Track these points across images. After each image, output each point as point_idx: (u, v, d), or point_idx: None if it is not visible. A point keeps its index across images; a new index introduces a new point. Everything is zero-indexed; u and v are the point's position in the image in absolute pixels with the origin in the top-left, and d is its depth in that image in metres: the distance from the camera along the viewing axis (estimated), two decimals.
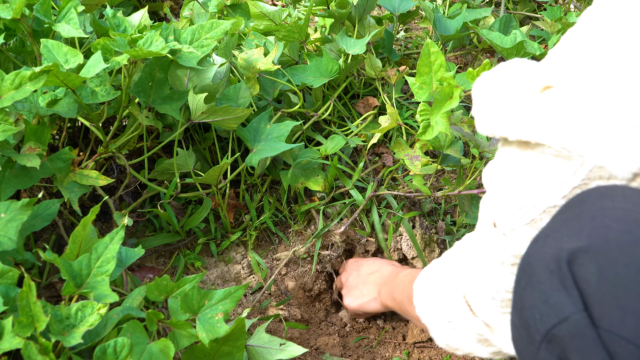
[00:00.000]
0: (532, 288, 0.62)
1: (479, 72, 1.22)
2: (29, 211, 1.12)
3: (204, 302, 1.12)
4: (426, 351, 1.58)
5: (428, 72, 1.28)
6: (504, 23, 1.99)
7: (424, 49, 1.26)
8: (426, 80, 1.29)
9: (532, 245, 0.65)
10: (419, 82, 1.29)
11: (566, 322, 0.57)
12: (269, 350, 1.23)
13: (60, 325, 0.97)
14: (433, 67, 1.27)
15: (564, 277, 0.58)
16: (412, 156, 1.44)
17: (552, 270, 0.60)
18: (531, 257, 0.64)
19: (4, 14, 1.32)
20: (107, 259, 1.07)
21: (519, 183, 0.74)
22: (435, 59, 1.26)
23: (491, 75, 0.81)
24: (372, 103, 1.86)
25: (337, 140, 1.66)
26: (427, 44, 1.25)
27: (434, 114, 1.25)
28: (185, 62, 1.42)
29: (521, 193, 0.73)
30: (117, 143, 1.44)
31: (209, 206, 1.55)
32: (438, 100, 1.25)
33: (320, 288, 1.65)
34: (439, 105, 1.25)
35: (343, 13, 1.80)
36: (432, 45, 1.25)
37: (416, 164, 1.43)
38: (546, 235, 0.64)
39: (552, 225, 0.66)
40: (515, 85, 0.75)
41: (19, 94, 1.09)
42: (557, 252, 0.60)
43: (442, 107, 1.24)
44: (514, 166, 0.74)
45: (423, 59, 1.27)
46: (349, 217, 1.67)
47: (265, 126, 1.53)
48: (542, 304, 0.60)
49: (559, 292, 0.59)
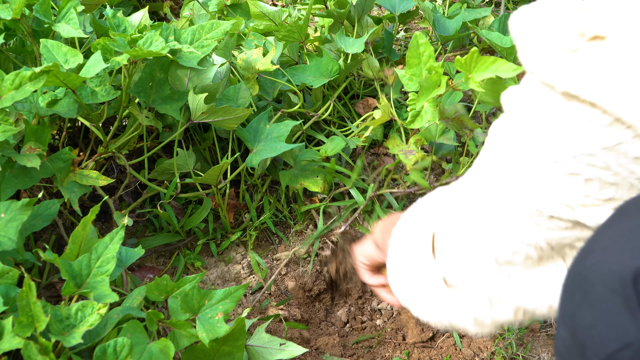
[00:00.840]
0: (590, 306, 0.57)
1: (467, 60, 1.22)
2: (29, 211, 1.12)
3: (204, 302, 1.12)
4: (426, 351, 1.58)
5: (417, 63, 1.28)
6: (503, 22, 1.99)
7: (413, 41, 1.26)
8: (416, 72, 1.29)
9: (587, 257, 0.60)
10: (409, 73, 1.30)
11: (629, 349, 0.53)
12: (269, 350, 1.23)
13: (60, 325, 0.97)
14: (422, 59, 1.27)
15: (628, 298, 0.54)
16: (406, 151, 1.45)
17: (614, 290, 0.55)
18: (588, 272, 0.58)
19: (4, 14, 1.32)
20: (107, 259, 1.07)
21: (555, 128, 0.66)
22: (424, 50, 1.27)
23: (534, 11, 0.71)
24: (372, 104, 1.86)
25: (337, 142, 1.66)
26: (416, 36, 1.26)
27: (420, 100, 1.26)
28: (185, 62, 1.42)
29: (554, 135, 0.66)
30: (117, 143, 1.44)
31: (209, 206, 1.55)
32: (425, 88, 1.25)
33: (320, 288, 1.65)
34: (425, 92, 1.25)
35: (342, 13, 1.80)
36: (421, 37, 1.26)
37: (410, 158, 1.43)
38: (604, 248, 0.59)
39: (609, 234, 0.60)
40: (560, 27, 0.67)
41: (19, 94, 1.09)
42: (620, 269, 0.55)
43: (429, 94, 1.24)
44: (553, 112, 0.66)
45: (412, 51, 1.27)
46: (349, 218, 1.67)
47: (265, 126, 1.53)
48: (603, 325, 0.55)
49: (622, 314, 0.54)
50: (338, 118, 1.84)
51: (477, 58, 1.20)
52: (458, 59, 1.21)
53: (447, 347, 1.59)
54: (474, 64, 1.21)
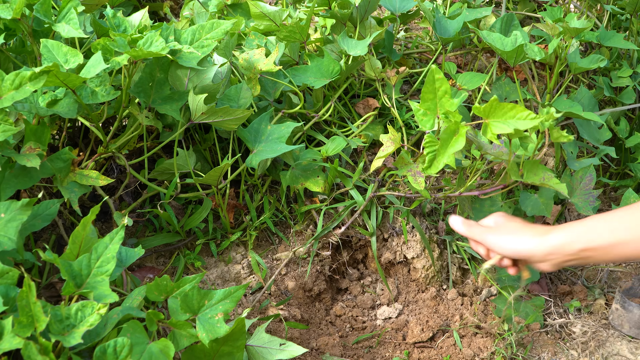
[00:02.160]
0: None
1: (486, 108, 1.22)
2: (29, 211, 1.12)
3: (204, 302, 1.12)
4: (426, 351, 1.58)
5: (432, 98, 1.28)
6: (505, 22, 1.99)
7: (429, 76, 1.26)
8: (430, 107, 1.29)
9: None
10: (424, 108, 1.29)
11: None
12: (269, 350, 1.23)
13: (60, 325, 0.97)
14: (438, 94, 1.27)
15: None
16: (415, 172, 1.44)
17: None
18: None
19: (4, 14, 1.32)
20: (107, 259, 1.07)
21: None
22: (440, 85, 1.27)
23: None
24: (372, 104, 1.86)
25: (338, 142, 1.66)
26: (432, 71, 1.25)
27: (441, 154, 1.26)
28: (185, 63, 1.42)
29: None
30: (117, 143, 1.44)
31: (209, 206, 1.55)
32: (444, 139, 1.26)
33: (320, 288, 1.65)
34: (445, 143, 1.26)
35: (345, 14, 1.80)
36: (437, 72, 1.26)
37: (419, 181, 1.42)
38: None
39: None
40: None
41: (19, 94, 1.09)
42: None
43: (449, 147, 1.25)
44: None
45: (427, 86, 1.27)
46: (349, 218, 1.67)
47: (266, 127, 1.53)
48: None
49: None
50: (338, 118, 1.84)
51: (495, 105, 1.21)
52: (476, 107, 1.22)
53: (447, 347, 1.59)
54: (493, 109, 1.22)
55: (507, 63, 1.96)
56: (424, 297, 1.70)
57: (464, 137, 1.24)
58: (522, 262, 1.27)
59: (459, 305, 1.69)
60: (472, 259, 1.75)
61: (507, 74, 2.09)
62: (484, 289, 1.72)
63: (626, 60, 2.18)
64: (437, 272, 1.71)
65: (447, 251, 1.74)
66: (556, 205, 1.85)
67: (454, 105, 1.26)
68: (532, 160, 1.47)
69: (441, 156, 1.26)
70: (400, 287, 1.73)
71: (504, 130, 1.21)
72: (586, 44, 2.30)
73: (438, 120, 1.29)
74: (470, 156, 1.60)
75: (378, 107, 1.86)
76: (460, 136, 1.24)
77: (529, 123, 1.20)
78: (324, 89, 1.76)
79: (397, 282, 1.73)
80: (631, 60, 2.21)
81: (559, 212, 1.86)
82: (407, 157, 1.45)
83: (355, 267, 1.76)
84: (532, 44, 1.81)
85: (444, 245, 1.75)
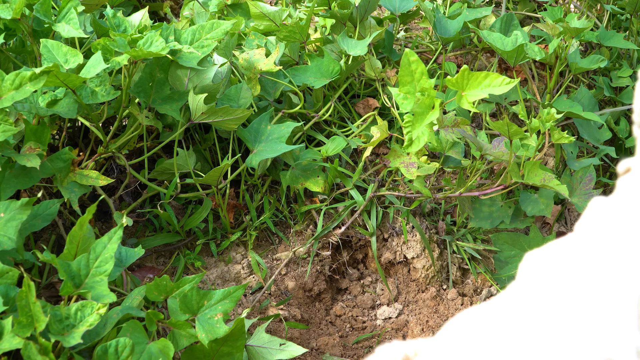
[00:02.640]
0: None
1: (458, 78, 1.19)
2: (29, 211, 1.12)
3: (203, 302, 1.12)
4: None
5: (411, 80, 1.26)
6: (505, 22, 1.99)
7: (403, 59, 1.24)
8: (410, 90, 1.27)
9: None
10: (403, 92, 1.28)
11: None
12: (268, 350, 1.23)
13: (60, 325, 0.97)
14: (415, 76, 1.26)
15: None
16: (407, 163, 1.44)
17: None
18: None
19: (4, 14, 1.32)
20: (106, 259, 1.07)
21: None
22: (415, 67, 1.25)
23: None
24: (372, 104, 1.86)
25: (338, 142, 1.66)
26: (406, 54, 1.23)
27: (415, 127, 1.25)
28: (185, 63, 1.42)
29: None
30: (117, 143, 1.44)
31: (209, 206, 1.55)
32: (419, 113, 1.24)
33: (320, 288, 1.65)
34: (420, 117, 1.24)
35: (345, 14, 1.80)
36: (411, 54, 1.23)
37: (412, 171, 1.42)
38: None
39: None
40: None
41: (19, 95, 1.09)
42: None
43: (424, 120, 1.24)
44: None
45: (404, 69, 1.25)
46: (349, 218, 1.67)
47: (266, 127, 1.53)
48: None
49: None
50: (338, 118, 1.84)
51: (468, 75, 1.19)
52: (449, 79, 1.19)
53: None
54: (466, 81, 1.20)
55: (507, 63, 1.96)
56: (424, 297, 1.70)
57: (438, 109, 1.22)
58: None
59: (459, 305, 1.69)
60: (472, 259, 1.75)
61: (507, 74, 2.09)
62: (484, 289, 1.72)
63: (626, 60, 2.18)
64: (437, 272, 1.71)
65: (447, 251, 1.74)
66: (556, 205, 1.85)
67: (430, 83, 1.24)
68: (533, 160, 1.47)
69: (416, 128, 1.25)
70: (400, 287, 1.73)
71: (479, 97, 1.19)
72: (586, 44, 2.30)
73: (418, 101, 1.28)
74: (470, 156, 1.60)
75: (378, 107, 1.86)
76: (436, 109, 1.22)
77: (505, 88, 1.18)
78: (324, 89, 1.77)
79: (397, 282, 1.73)
80: (631, 60, 2.21)
81: (559, 212, 1.86)
82: (400, 149, 1.45)
83: (355, 267, 1.76)
84: (532, 44, 1.81)
85: (444, 245, 1.74)
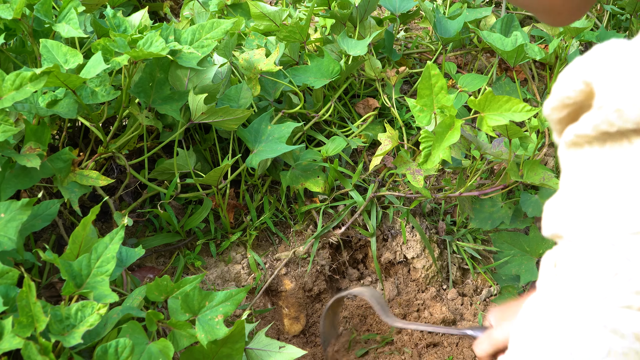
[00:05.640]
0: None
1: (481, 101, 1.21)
2: (29, 211, 1.12)
3: (204, 303, 1.12)
4: (427, 351, 1.58)
5: (429, 94, 1.28)
6: (505, 23, 1.99)
7: (425, 72, 1.25)
8: (427, 103, 1.29)
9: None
10: (420, 104, 1.29)
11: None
12: (268, 352, 1.23)
13: (60, 325, 0.97)
14: (434, 90, 1.27)
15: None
16: (414, 170, 1.44)
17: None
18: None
19: (5, 14, 1.32)
20: (107, 259, 1.07)
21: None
22: (436, 81, 1.26)
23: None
24: (372, 104, 1.86)
25: (338, 142, 1.66)
26: (428, 67, 1.25)
27: (435, 147, 1.26)
28: (185, 63, 1.42)
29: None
30: (117, 143, 1.44)
31: (209, 206, 1.55)
32: (440, 133, 1.25)
33: (320, 288, 1.65)
34: (440, 137, 1.25)
35: (345, 14, 1.80)
36: (433, 68, 1.25)
37: (418, 179, 1.42)
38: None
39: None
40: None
41: (20, 95, 1.09)
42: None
43: (443, 140, 1.25)
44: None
45: (424, 82, 1.27)
46: (349, 218, 1.67)
47: (266, 127, 1.53)
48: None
49: None
50: (338, 118, 1.84)
51: (490, 98, 1.20)
52: (471, 100, 1.21)
53: (448, 347, 1.59)
54: (488, 103, 1.22)
55: (507, 63, 1.96)
56: (424, 297, 1.70)
57: (459, 131, 1.23)
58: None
59: (459, 305, 1.69)
60: (472, 259, 1.75)
61: (507, 74, 2.09)
62: (484, 289, 1.72)
63: None
64: (437, 272, 1.71)
65: (447, 251, 1.74)
66: None
67: (450, 100, 1.26)
68: (532, 160, 1.47)
69: (436, 150, 1.26)
70: (400, 287, 1.73)
71: (500, 123, 1.21)
72: (586, 44, 2.30)
73: (435, 116, 1.29)
74: (470, 156, 1.60)
75: (378, 107, 1.86)
76: (456, 130, 1.23)
77: (525, 115, 1.20)
78: (324, 89, 1.77)
79: (397, 282, 1.73)
80: None
81: None
82: (407, 156, 1.45)
83: (355, 267, 1.76)
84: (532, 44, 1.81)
85: (444, 245, 1.75)
